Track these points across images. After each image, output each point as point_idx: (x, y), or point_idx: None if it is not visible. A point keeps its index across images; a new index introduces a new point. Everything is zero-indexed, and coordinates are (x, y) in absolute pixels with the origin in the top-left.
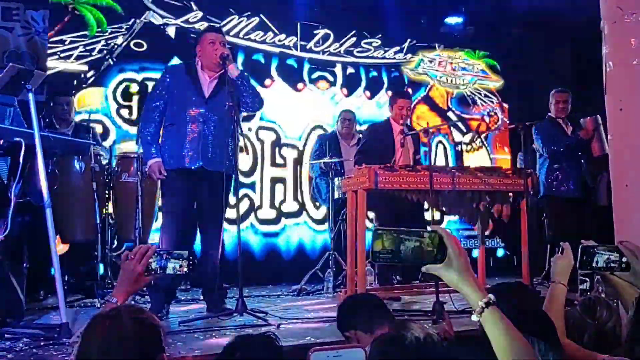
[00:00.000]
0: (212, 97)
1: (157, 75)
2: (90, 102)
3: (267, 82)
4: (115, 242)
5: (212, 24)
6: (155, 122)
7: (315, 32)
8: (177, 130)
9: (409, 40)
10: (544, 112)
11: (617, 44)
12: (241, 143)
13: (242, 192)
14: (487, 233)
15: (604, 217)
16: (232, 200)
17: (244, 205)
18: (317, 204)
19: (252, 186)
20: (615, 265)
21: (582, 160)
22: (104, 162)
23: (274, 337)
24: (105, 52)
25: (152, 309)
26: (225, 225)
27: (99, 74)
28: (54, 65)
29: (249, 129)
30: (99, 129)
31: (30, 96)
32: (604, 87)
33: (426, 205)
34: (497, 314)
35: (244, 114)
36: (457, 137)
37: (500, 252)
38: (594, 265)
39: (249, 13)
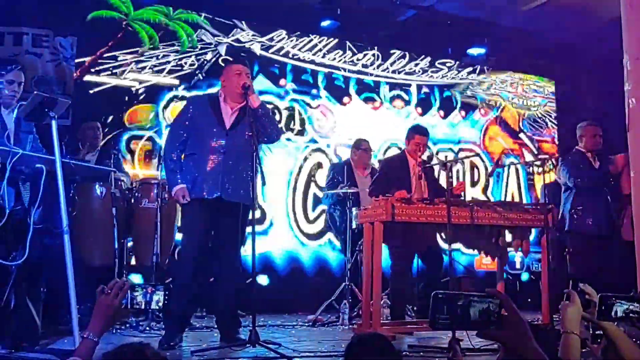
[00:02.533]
0: (233, 128)
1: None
2: (140, 118)
3: (345, 99)
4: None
5: (261, 42)
6: (178, 150)
7: (391, 51)
8: (198, 160)
9: (457, 62)
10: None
11: None
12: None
13: (320, 208)
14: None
15: (628, 252)
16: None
17: (322, 222)
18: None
19: None
20: (635, 316)
21: (608, 196)
22: (125, 187)
23: None
24: (156, 69)
25: (166, 336)
26: (305, 241)
27: (150, 91)
28: (107, 80)
29: (327, 146)
30: (147, 145)
31: (53, 124)
32: (626, 124)
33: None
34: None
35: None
36: (529, 158)
37: (525, 276)
38: (612, 315)
39: (299, 33)
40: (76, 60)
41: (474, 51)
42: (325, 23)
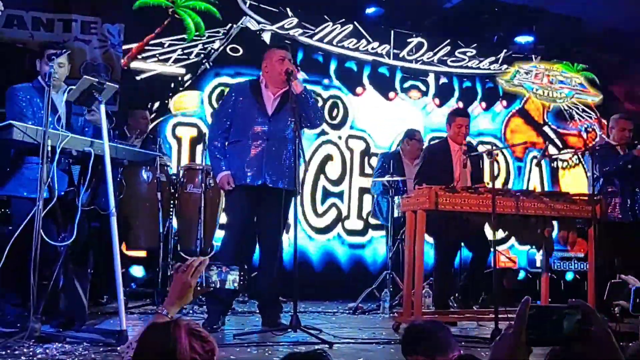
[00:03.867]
0: (275, 114)
1: None
2: (186, 105)
3: (359, 90)
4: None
5: (306, 30)
6: (221, 137)
7: (408, 40)
8: (242, 147)
9: (505, 50)
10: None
11: None
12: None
13: (329, 201)
14: (581, 255)
15: None
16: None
17: (331, 216)
18: None
19: (340, 195)
20: None
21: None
22: (170, 172)
23: (325, 354)
24: (202, 56)
25: (208, 319)
26: (313, 235)
27: (196, 77)
28: (152, 67)
29: (339, 137)
30: (193, 132)
31: (102, 108)
32: None
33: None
34: None
35: (306, 130)
36: (553, 151)
37: (569, 276)
38: None
39: (343, 20)
40: (123, 47)
41: (522, 39)
42: (370, 10)
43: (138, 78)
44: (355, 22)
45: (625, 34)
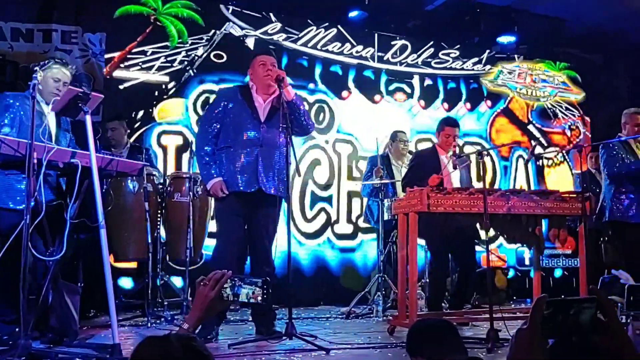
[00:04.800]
0: (268, 120)
1: None
2: (171, 113)
3: (345, 94)
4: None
5: (289, 35)
6: (211, 143)
7: (392, 42)
8: (233, 153)
9: (487, 51)
10: (598, 132)
11: None
12: (293, 166)
13: (318, 206)
14: (569, 252)
15: None
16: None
17: (320, 220)
18: None
19: (328, 200)
20: None
21: None
22: (157, 182)
23: None
24: (186, 63)
25: (202, 330)
26: (302, 240)
27: (180, 85)
28: (136, 76)
29: (326, 142)
30: (178, 140)
31: (88, 118)
32: None
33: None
34: None
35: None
36: (538, 150)
37: (558, 272)
38: None
39: (326, 24)
40: (105, 56)
41: (504, 39)
42: (353, 14)
43: (121, 87)
44: (339, 26)
45: (608, 34)
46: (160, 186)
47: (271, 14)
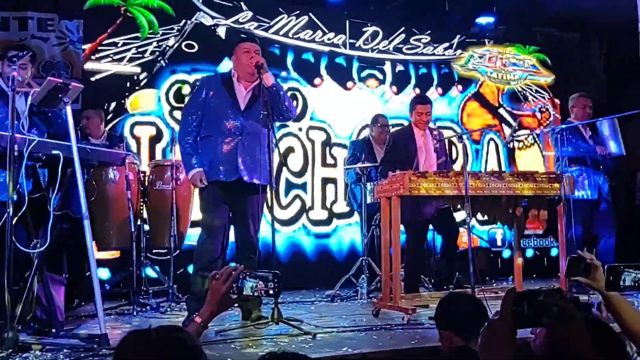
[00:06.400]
0: (248, 109)
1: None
2: (143, 104)
3: (317, 81)
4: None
5: (261, 23)
6: (193, 133)
7: (364, 29)
8: (214, 142)
9: (458, 36)
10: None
11: None
12: (276, 153)
13: (293, 193)
14: (541, 232)
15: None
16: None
17: (295, 207)
18: None
19: (303, 187)
20: None
21: (600, 166)
22: (137, 170)
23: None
24: (157, 53)
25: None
26: (277, 226)
27: (152, 75)
28: (107, 67)
29: (299, 129)
30: (152, 130)
31: (68, 109)
32: None
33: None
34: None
35: (278, 123)
36: (509, 133)
37: (529, 253)
38: (621, 285)
39: (298, 12)
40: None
41: (483, 20)
42: None
43: (93, 79)
44: (310, 14)
45: (585, 12)
46: (142, 174)
47: (242, 3)
